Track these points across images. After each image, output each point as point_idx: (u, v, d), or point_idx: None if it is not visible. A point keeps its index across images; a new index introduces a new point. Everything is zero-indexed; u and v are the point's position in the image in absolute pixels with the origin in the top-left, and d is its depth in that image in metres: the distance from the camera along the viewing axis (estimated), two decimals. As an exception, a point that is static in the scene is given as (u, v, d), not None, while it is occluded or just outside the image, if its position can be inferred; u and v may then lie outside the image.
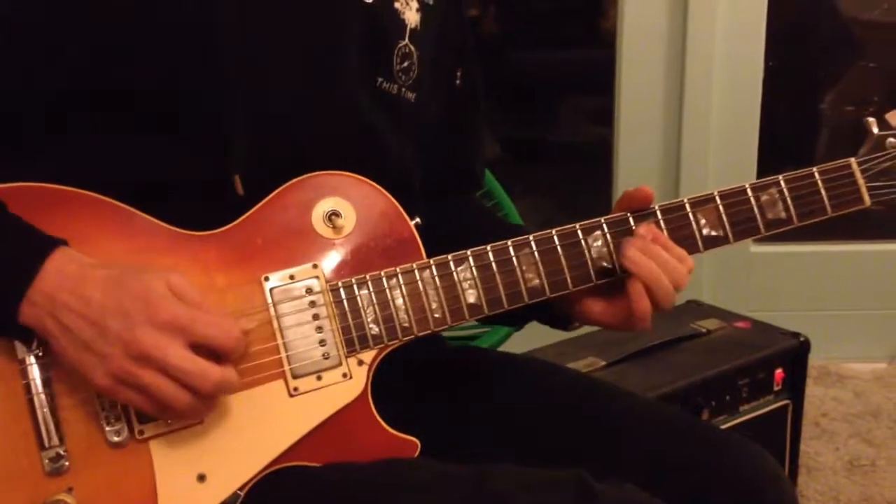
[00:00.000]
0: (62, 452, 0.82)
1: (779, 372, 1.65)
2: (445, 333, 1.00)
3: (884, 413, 2.23)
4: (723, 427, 1.56)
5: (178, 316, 0.79)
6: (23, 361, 0.83)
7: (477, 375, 1.09)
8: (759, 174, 2.39)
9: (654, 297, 0.92)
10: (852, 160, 0.99)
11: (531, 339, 1.48)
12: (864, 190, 0.98)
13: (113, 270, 0.82)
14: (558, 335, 1.15)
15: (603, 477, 0.84)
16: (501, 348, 1.58)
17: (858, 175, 0.98)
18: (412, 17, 1.03)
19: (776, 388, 1.66)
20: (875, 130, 0.99)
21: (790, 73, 2.55)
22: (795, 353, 1.68)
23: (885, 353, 2.51)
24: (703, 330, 1.71)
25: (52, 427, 0.82)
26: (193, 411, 0.81)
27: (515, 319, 1.07)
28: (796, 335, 1.69)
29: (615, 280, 0.95)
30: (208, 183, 0.89)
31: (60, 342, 0.80)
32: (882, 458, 2.05)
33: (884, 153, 0.99)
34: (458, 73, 1.13)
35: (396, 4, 1.01)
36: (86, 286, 0.80)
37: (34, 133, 0.89)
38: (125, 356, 0.78)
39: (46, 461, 0.82)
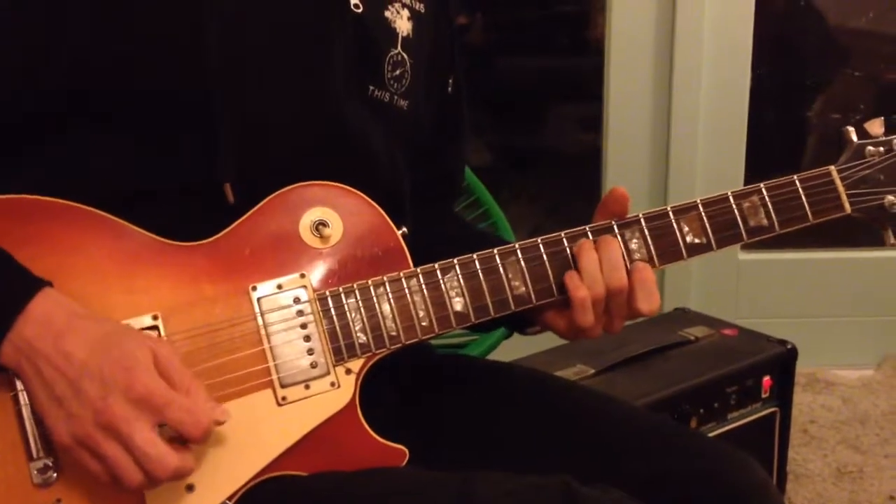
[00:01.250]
0: (50, 464, 0.82)
1: (766, 379, 1.66)
2: (434, 342, 1.00)
3: (871, 419, 2.23)
4: (711, 435, 1.56)
5: (153, 393, 0.78)
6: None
7: (465, 383, 1.09)
8: (747, 181, 2.41)
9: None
10: (832, 168, 1.00)
11: (520, 347, 1.48)
12: (844, 197, 0.99)
13: (101, 327, 0.81)
14: (548, 343, 1.16)
15: (590, 484, 0.84)
16: (490, 356, 1.58)
17: (838, 182, 0.99)
18: (404, 25, 1.03)
19: (764, 396, 1.66)
20: (854, 139, 1.00)
21: (777, 81, 2.56)
22: (783, 361, 1.68)
23: (873, 359, 2.51)
24: (691, 337, 1.71)
25: (40, 438, 0.82)
26: (143, 489, 0.81)
27: (492, 326, 1.07)
28: (784, 342, 1.69)
29: None
30: (199, 191, 0.89)
31: (34, 387, 0.79)
32: (870, 464, 2.06)
33: (863, 161, 1.00)
34: (450, 81, 1.14)
35: (387, 13, 1.01)
36: (69, 341, 0.79)
37: (25, 138, 0.88)
38: (93, 422, 0.77)
39: (34, 472, 0.82)
